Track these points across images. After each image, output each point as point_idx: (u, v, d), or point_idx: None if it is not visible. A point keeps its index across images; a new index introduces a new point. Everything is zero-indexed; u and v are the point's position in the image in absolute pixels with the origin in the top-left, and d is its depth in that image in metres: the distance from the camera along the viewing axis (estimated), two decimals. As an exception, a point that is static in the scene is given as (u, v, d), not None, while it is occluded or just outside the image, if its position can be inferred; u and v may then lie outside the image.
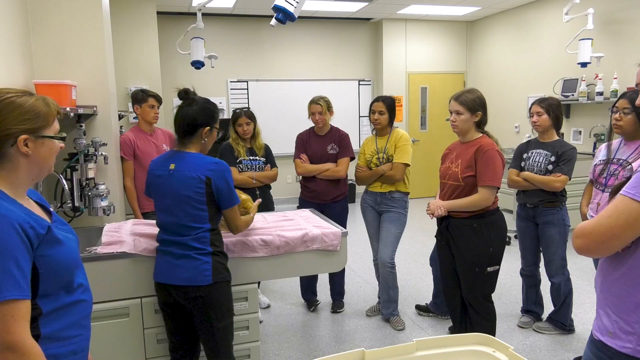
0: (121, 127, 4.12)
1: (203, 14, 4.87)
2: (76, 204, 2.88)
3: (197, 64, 4.81)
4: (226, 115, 7.36)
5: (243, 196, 2.49)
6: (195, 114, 2.11)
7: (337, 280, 3.82)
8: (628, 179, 1.39)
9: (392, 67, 8.01)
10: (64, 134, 1.31)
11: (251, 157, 3.57)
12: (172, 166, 2.08)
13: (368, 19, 7.96)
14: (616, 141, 2.81)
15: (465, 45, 8.33)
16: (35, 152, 1.23)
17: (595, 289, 1.47)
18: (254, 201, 2.52)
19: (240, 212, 2.33)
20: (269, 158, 3.66)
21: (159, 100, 3.58)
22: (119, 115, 4.07)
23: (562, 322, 3.32)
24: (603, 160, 2.80)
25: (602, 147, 2.88)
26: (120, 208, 3.30)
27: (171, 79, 7.08)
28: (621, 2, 5.49)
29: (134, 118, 5.07)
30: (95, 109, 3.03)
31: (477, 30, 8.09)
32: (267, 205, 3.54)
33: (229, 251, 2.36)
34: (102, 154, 3.04)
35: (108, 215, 3.01)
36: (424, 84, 8.21)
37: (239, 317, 2.42)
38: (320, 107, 3.57)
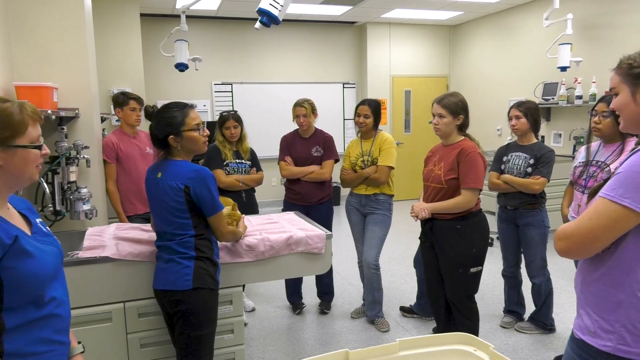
0: (104, 129, 4.07)
1: (187, 16, 4.86)
2: (57, 208, 2.84)
3: (181, 67, 4.79)
4: (209, 117, 7.33)
5: (238, 212, 2.47)
6: (154, 130, 2.09)
7: (324, 281, 3.82)
8: (606, 180, 1.43)
9: (377, 70, 8.07)
10: (40, 142, 1.24)
11: (237, 160, 3.56)
12: (159, 175, 2.08)
13: (352, 23, 8.00)
14: (595, 143, 2.88)
15: (448, 49, 8.43)
16: (7, 162, 1.16)
17: (575, 288, 1.50)
18: (239, 206, 2.52)
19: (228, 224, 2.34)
20: (255, 161, 3.65)
21: (140, 102, 3.55)
22: (102, 117, 4.03)
23: (543, 321, 3.38)
24: (582, 162, 2.87)
25: (582, 150, 2.94)
26: (102, 212, 3.26)
27: (155, 82, 7.04)
28: (599, 8, 5.61)
29: (116, 121, 5.02)
30: (77, 111, 3.00)
31: (459, 35, 8.20)
32: (251, 208, 3.54)
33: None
34: (84, 157, 3.01)
35: (90, 219, 2.98)
36: (407, 87, 8.28)
37: (223, 320, 2.41)
38: (304, 109, 3.58)
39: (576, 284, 1.49)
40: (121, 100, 3.50)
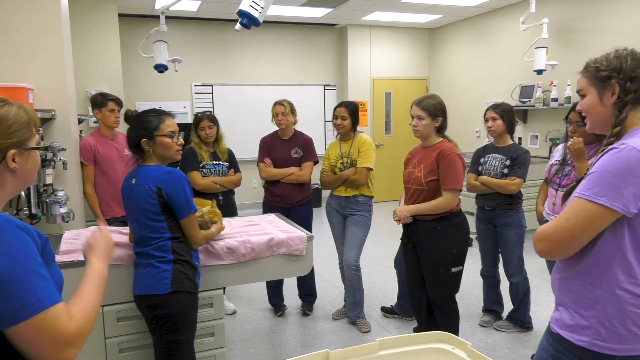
0: (81, 131, 4.01)
1: (166, 17, 4.82)
2: (33, 211, 2.79)
3: (160, 68, 4.75)
4: (189, 119, 7.27)
5: (218, 210, 2.46)
6: (129, 134, 2.13)
7: (307, 283, 3.82)
8: (579, 181, 1.47)
9: (357, 72, 8.11)
10: (47, 144, 1.22)
11: (215, 162, 3.53)
12: (133, 181, 2.08)
13: (333, 25, 8.04)
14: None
15: (427, 52, 8.53)
16: (22, 166, 1.13)
17: (552, 287, 1.53)
18: (218, 208, 2.51)
19: (202, 223, 2.33)
20: (233, 163, 3.63)
21: (119, 104, 3.51)
22: (79, 119, 3.96)
23: (521, 320, 3.44)
24: (559, 160, 2.93)
25: (559, 148, 3.01)
26: (80, 215, 3.21)
27: (133, 83, 6.95)
28: (573, 13, 5.75)
29: (94, 122, 4.94)
30: (53, 112, 2.95)
31: (438, 38, 8.30)
32: (229, 211, 3.50)
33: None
34: (60, 159, 2.96)
35: (67, 222, 2.93)
36: (388, 89, 8.34)
37: (204, 323, 2.39)
38: (283, 107, 3.58)
39: (553, 283, 1.52)
40: (99, 101, 3.45)
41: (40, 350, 1.00)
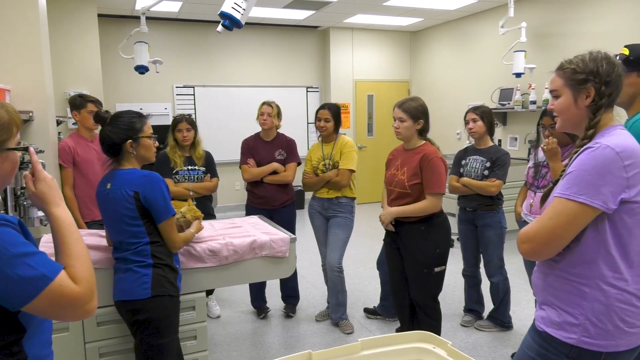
0: (59, 133, 3.95)
1: (147, 18, 4.77)
2: (10, 215, 2.73)
3: (141, 69, 4.69)
4: (170, 121, 7.21)
5: (184, 209, 2.44)
6: (110, 134, 2.07)
7: (290, 285, 3.82)
8: (555, 182, 1.50)
9: (340, 74, 8.14)
10: (26, 144, 1.20)
11: (189, 167, 3.44)
12: (108, 185, 2.06)
13: (315, 27, 8.06)
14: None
15: (409, 55, 8.61)
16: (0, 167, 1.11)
17: (533, 287, 1.55)
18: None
19: (184, 223, 2.30)
20: (210, 167, 3.53)
21: (98, 105, 3.46)
22: (58, 121, 3.90)
23: (501, 319, 3.49)
24: (539, 162, 2.99)
25: (539, 151, 3.07)
26: (58, 218, 3.15)
27: (114, 84, 6.87)
28: (551, 18, 5.87)
29: (73, 124, 4.87)
30: (31, 114, 2.89)
31: (420, 41, 8.38)
32: (208, 216, 3.42)
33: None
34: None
35: (45, 225, 2.87)
36: (370, 92, 8.39)
37: (186, 326, 2.38)
38: (271, 108, 3.58)
39: (536, 283, 1.53)
40: (78, 102, 3.40)
41: (61, 315, 1.08)
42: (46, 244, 2.40)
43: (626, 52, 1.97)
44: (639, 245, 1.38)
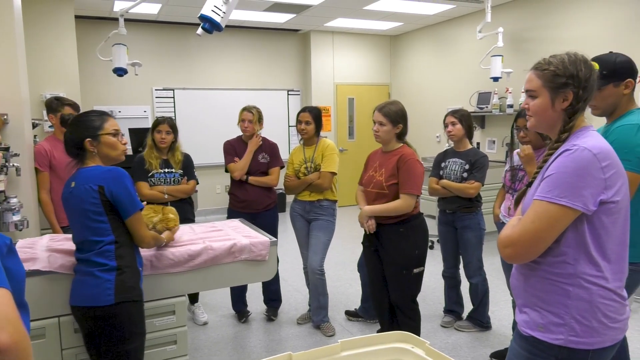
0: (35, 136, 3.87)
1: (126, 20, 4.72)
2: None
3: (120, 71, 4.64)
4: (150, 124, 7.14)
5: (171, 215, 2.42)
6: (70, 135, 2.06)
7: (272, 288, 3.81)
8: (529, 184, 1.53)
9: (321, 77, 8.17)
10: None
11: (166, 170, 3.40)
12: (72, 184, 2.02)
13: (296, 30, 8.07)
14: (518, 150, 3.08)
15: (389, 59, 8.68)
16: None
17: (512, 289, 1.56)
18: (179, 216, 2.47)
19: (159, 229, 2.28)
20: (188, 169, 3.49)
21: (76, 108, 3.40)
22: (33, 123, 3.82)
23: (480, 319, 3.54)
24: (509, 168, 3.06)
25: (514, 154, 3.12)
26: (34, 223, 3.10)
27: (91, 86, 6.77)
28: (527, 23, 6.00)
29: (49, 127, 4.78)
30: (5, 117, 2.84)
31: (400, 45, 8.47)
32: (186, 219, 3.37)
33: (153, 267, 2.30)
34: (13, 165, 2.85)
35: (21, 230, 2.82)
36: (351, 95, 8.44)
37: (166, 331, 2.36)
38: (251, 115, 3.57)
39: (516, 285, 1.53)
40: (55, 105, 3.34)
41: None
42: (22, 249, 2.35)
43: (596, 66, 2.02)
44: (615, 243, 1.40)
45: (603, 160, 1.35)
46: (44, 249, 2.33)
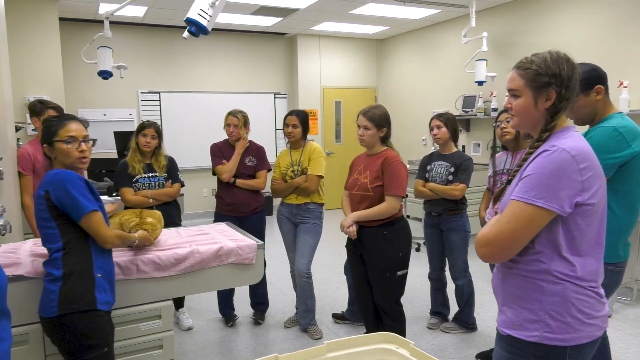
0: (18, 139, 3.82)
1: (111, 22, 4.70)
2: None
3: (105, 74, 4.61)
4: (135, 127, 7.09)
5: (149, 220, 2.40)
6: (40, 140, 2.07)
7: (259, 292, 3.80)
8: (508, 182, 1.54)
9: (307, 81, 8.19)
10: None
11: (150, 174, 3.37)
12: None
13: (283, 34, 8.09)
14: (501, 154, 3.14)
15: (375, 62, 8.74)
16: None
17: (493, 289, 1.57)
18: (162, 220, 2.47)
19: (131, 229, 2.27)
20: (172, 172, 3.46)
21: (59, 111, 3.36)
22: (16, 127, 3.78)
23: (465, 321, 3.58)
24: (492, 173, 3.10)
25: (497, 158, 3.17)
26: (17, 227, 3.05)
27: (76, 89, 6.70)
28: (511, 28, 6.09)
29: (32, 130, 4.73)
30: (-13, 120, 2.80)
31: (386, 48, 8.53)
32: (173, 223, 3.36)
33: (139, 271, 2.28)
34: (-4, 169, 2.81)
35: (4, 235, 2.78)
36: (338, 98, 8.47)
37: (151, 335, 2.34)
38: (237, 120, 3.56)
39: (495, 284, 1.55)
40: (38, 109, 3.31)
41: None
42: (4, 254, 2.32)
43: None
44: (590, 245, 1.42)
45: (581, 162, 1.35)
46: (27, 253, 2.30)
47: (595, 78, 2.08)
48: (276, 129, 8.17)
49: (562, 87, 1.41)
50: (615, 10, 4.99)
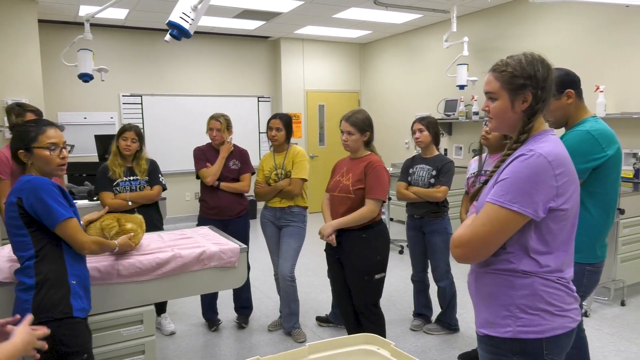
0: (-4, 143, 3.76)
1: (92, 25, 4.64)
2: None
3: (85, 77, 4.56)
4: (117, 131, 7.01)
5: (129, 225, 2.38)
6: (11, 145, 2.00)
7: (243, 296, 3.78)
8: (485, 182, 1.56)
9: (291, 84, 8.20)
10: None
11: (131, 178, 3.35)
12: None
13: (266, 37, 8.09)
14: (484, 155, 3.17)
15: (358, 66, 8.79)
16: None
17: (469, 290, 1.60)
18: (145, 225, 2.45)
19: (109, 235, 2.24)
20: (153, 175, 3.44)
21: (38, 115, 3.31)
22: (-6, 130, 3.72)
23: (448, 322, 3.61)
24: (474, 173, 3.14)
25: (473, 161, 3.22)
26: (-5, 232, 3.00)
27: (56, 92, 6.61)
28: (491, 33, 6.19)
29: (10, 134, 4.64)
30: (-36, 123, 2.75)
31: (369, 52, 8.59)
32: (154, 227, 3.33)
33: (120, 276, 2.26)
34: (-28, 173, 2.76)
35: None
36: (321, 102, 8.50)
37: (133, 341, 2.32)
38: (219, 124, 3.55)
39: (470, 285, 1.57)
40: (17, 112, 3.25)
41: None
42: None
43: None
44: (560, 250, 1.44)
45: (557, 167, 1.36)
46: (5, 259, 2.26)
47: (566, 82, 2.13)
48: (260, 132, 8.16)
49: (537, 89, 1.43)
50: (592, 17, 5.11)
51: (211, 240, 2.71)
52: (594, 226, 2.14)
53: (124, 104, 7.19)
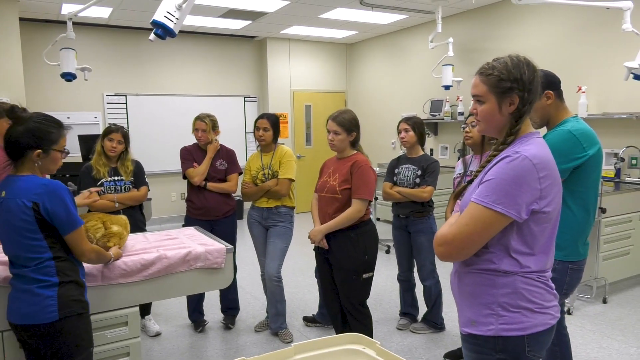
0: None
1: (75, 23, 4.59)
2: None
3: (68, 76, 4.49)
4: (101, 131, 6.93)
5: (115, 228, 2.36)
6: (18, 136, 1.88)
7: (230, 297, 3.77)
8: (469, 182, 1.57)
9: (277, 84, 8.19)
10: None
11: (116, 178, 3.31)
12: (2, 193, 1.89)
13: (252, 37, 8.06)
14: (469, 156, 3.20)
15: (345, 66, 8.81)
16: None
17: (452, 289, 1.61)
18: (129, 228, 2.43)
19: (100, 246, 2.23)
20: (138, 176, 3.41)
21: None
22: (-26, 130, 3.64)
23: (434, 321, 3.64)
24: (460, 173, 3.17)
25: (459, 163, 3.25)
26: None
27: (38, 92, 6.51)
28: (475, 34, 6.25)
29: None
30: (-57, 123, 2.69)
31: (355, 53, 8.61)
32: (137, 228, 3.29)
33: (105, 278, 2.24)
34: (-49, 173, 2.70)
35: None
36: (308, 102, 8.50)
37: (118, 343, 2.30)
38: (205, 124, 3.53)
39: (453, 285, 1.59)
40: (-2, 110, 3.19)
41: None
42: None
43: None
44: (540, 252, 1.46)
45: (541, 170, 1.38)
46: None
47: (545, 83, 2.16)
48: (246, 133, 8.14)
49: (524, 91, 1.44)
50: (574, 19, 5.19)
51: (197, 241, 2.69)
52: (576, 224, 2.18)
53: (108, 103, 7.11)
